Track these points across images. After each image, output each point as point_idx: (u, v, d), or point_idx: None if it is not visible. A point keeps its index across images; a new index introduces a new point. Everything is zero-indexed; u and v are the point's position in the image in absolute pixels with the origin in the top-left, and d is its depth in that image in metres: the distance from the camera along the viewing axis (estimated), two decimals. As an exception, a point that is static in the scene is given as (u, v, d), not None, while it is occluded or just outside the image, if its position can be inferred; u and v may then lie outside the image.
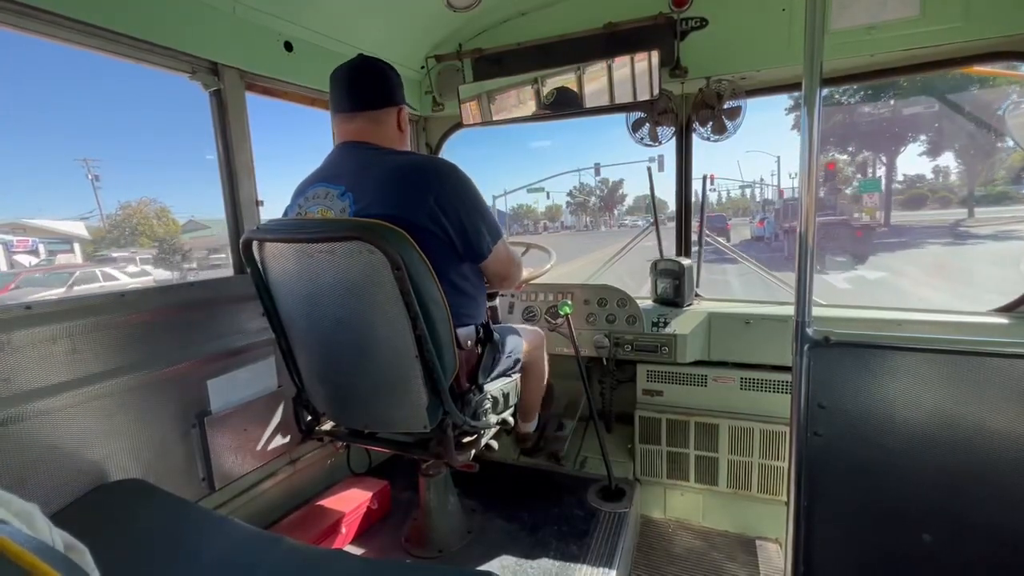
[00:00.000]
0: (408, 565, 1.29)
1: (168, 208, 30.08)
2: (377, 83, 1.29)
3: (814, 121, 1.02)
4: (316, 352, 1.32)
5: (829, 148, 28.24)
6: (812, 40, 1.00)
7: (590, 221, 64.33)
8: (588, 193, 66.02)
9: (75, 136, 73.77)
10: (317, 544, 1.48)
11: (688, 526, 2.02)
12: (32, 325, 1.09)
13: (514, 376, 1.51)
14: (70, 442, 1.15)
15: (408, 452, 1.39)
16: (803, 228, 1.06)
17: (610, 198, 66.64)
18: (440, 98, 2.29)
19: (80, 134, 74.99)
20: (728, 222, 29.59)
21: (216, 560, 0.98)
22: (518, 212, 70.12)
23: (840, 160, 29.83)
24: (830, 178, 27.52)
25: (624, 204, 71.02)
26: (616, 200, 67.78)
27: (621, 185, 67.43)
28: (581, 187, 65.49)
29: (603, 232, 47.56)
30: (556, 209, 70.54)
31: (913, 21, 1.60)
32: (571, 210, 67.95)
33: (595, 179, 61.88)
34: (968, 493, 1.01)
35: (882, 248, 16.74)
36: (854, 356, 1.07)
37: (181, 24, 1.37)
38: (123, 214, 28.57)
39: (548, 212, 71.37)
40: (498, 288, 1.46)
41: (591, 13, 1.96)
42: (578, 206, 66.80)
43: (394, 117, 1.32)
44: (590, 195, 66.37)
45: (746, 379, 1.90)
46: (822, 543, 1.12)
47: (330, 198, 1.22)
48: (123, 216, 28.59)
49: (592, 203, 66.84)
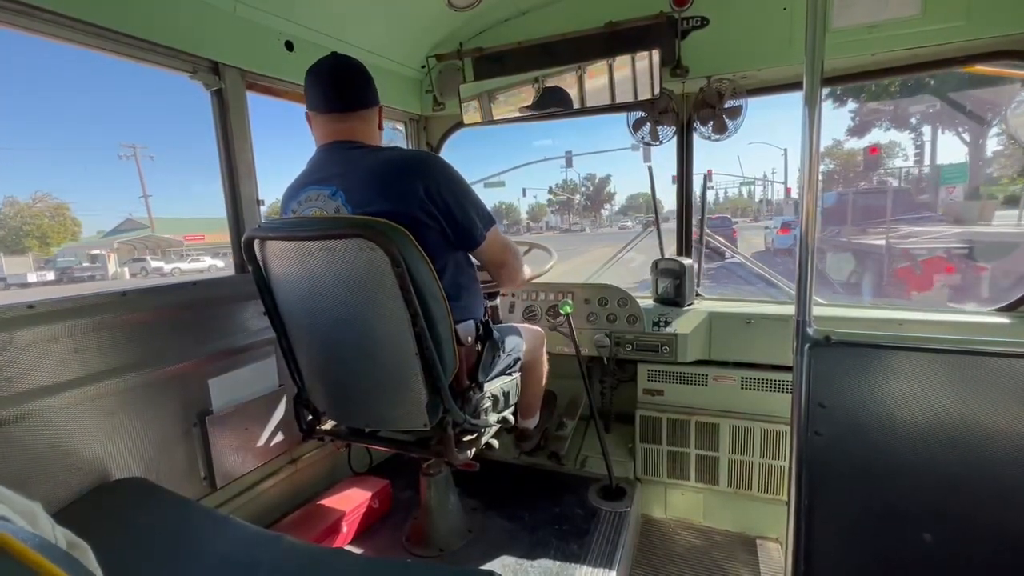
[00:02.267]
0: (409, 564, 1.29)
1: (67, 205, 27.19)
2: (365, 82, 1.29)
3: (815, 121, 1.02)
4: (317, 350, 1.32)
5: (877, 122, 19.62)
6: (813, 39, 1.00)
7: (573, 223, 56.42)
8: (572, 190, 58.82)
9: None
10: (318, 543, 1.48)
11: (689, 525, 2.02)
12: (34, 324, 1.10)
13: (514, 374, 1.51)
14: (72, 441, 1.16)
15: (409, 451, 1.39)
16: (803, 228, 1.06)
17: (596, 195, 59.58)
18: (441, 97, 2.28)
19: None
20: (734, 227, 20.76)
21: (217, 559, 0.98)
22: (496, 211, 65.14)
23: (893, 142, 21.84)
24: (871, 167, 18.97)
25: (613, 202, 63.49)
26: (604, 198, 60.60)
27: (608, 181, 59.97)
28: (564, 183, 58.29)
29: (587, 235, 38.38)
30: (539, 208, 63.83)
31: (914, 20, 1.60)
32: (553, 209, 61.26)
33: (576, 174, 56.16)
34: (969, 493, 1.01)
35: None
36: (855, 356, 1.07)
37: (182, 24, 1.37)
38: (9, 212, 24.79)
39: (531, 212, 64.63)
40: (498, 279, 1.44)
41: (592, 12, 1.96)
42: (560, 205, 60.06)
43: (376, 116, 1.34)
44: (574, 192, 59.18)
45: (747, 379, 1.90)
46: (823, 542, 1.12)
47: (322, 199, 1.22)
48: (12, 214, 24.91)
49: (577, 201, 59.96)
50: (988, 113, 14.94)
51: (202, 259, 27.71)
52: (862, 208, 11.95)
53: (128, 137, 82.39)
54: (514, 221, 62.59)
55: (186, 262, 27.23)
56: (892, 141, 22.33)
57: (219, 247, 29.16)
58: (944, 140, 20.31)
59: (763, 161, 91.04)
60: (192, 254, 30.04)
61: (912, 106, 18.91)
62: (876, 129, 21.52)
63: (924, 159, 19.17)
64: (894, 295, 7.62)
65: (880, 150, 16.33)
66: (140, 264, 26.50)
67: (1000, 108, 14.06)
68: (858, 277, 9.21)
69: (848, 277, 9.37)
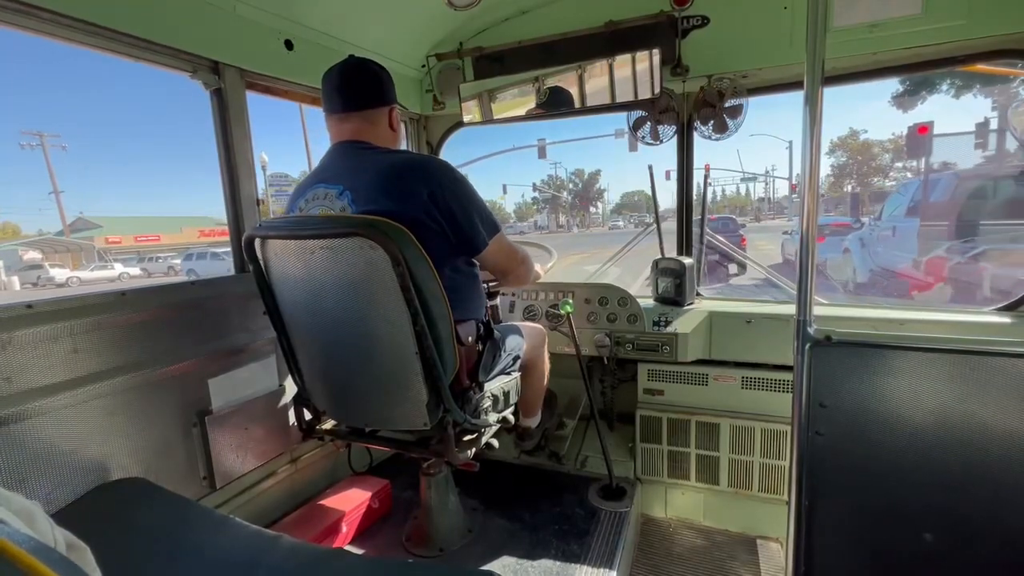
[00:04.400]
0: (409, 564, 1.29)
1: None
2: (370, 83, 1.31)
3: (816, 120, 1.02)
4: (317, 349, 1.32)
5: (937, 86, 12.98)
6: (814, 38, 1.00)
7: (558, 222, 53.08)
8: (559, 187, 55.02)
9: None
10: (318, 543, 1.48)
11: (689, 525, 2.02)
12: (33, 324, 1.09)
13: (514, 374, 1.51)
14: (71, 441, 1.16)
15: (409, 451, 1.39)
16: (804, 228, 1.06)
17: (585, 193, 55.74)
18: (441, 97, 2.28)
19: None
20: (742, 232, 15.10)
21: (217, 559, 0.98)
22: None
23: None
24: (920, 148, 10.61)
25: (604, 200, 58.85)
26: (594, 195, 56.62)
27: (598, 178, 56.02)
28: (551, 180, 54.75)
29: (572, 237, 33.69)
30: (526, 207, 61.14)
31: (915, 19, 1.60)
32: (539, 208, 58.55)
33: (564, 170, 52.66)
34: (969, 492, 1.01)
35: None
36: (855, 355, 1.07)
37: (182, 23, 1.37)
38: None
39: (518, 211, 61.59)
40: (503, 283, 1.46)
41: (592, 12, 1.96)
42: (546, 203, 56.77)
43: (386, 116, 1.34)
44: (561, 189, 55.36)
45: (747, 378, 1.90)
46: (823, 542, 1.12)
47: (329, 198, 1.23)
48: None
49: (564, 199, 56.06)
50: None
51: (112, 266, 23.69)
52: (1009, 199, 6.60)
53: (36, 124, 76.42)
54: (500, 220, 59.52)
55: (89, 271, 23.01)
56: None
57: (182, 247, 26.53)
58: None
59: (764, 156, 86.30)
60: (108, 259, 25.70)
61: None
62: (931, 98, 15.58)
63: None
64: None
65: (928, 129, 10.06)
66: (37, 272, 22.16)
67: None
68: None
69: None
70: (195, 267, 20.96)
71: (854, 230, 10.26)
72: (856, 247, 8.40)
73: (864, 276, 8.07)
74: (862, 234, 8.90)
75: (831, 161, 34.45)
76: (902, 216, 7.46)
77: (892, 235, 7.57)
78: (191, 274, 19.60)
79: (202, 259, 21.50)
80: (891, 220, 7.83)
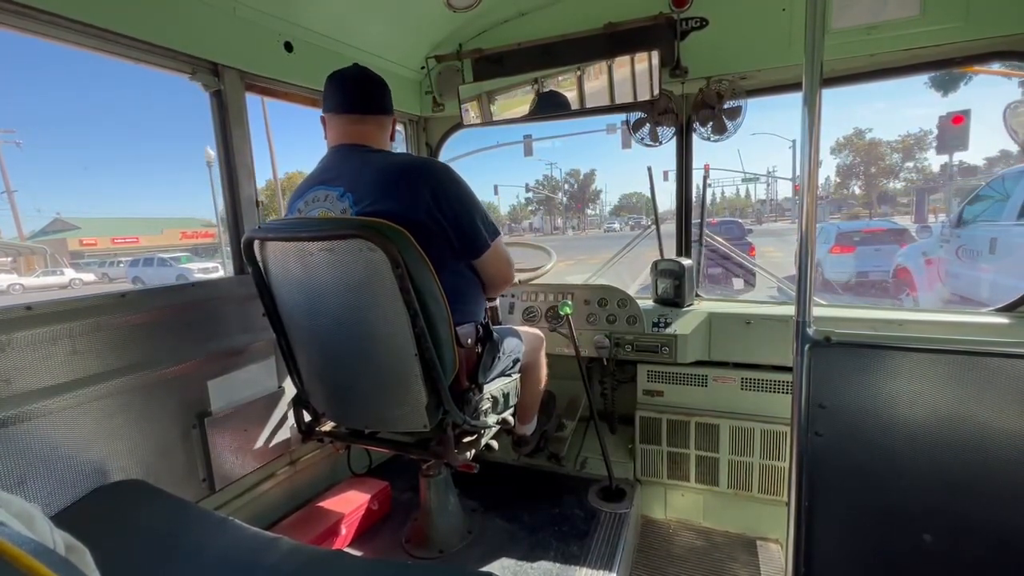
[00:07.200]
0: (408, 566, 1.28)
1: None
2: (383, 91, 1.35)
3: (815, 121, 1.02)
4: (316, 351, 1.32)
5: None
6: (812, 40, 1.00)
7: (554, 225, 50.72)
8: (553, 188, 52.77)
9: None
10: (317, 545, 1.48)
11: (689, 526, 2.02)
12: (33, 326, 1.09)
13: (513, 376, 1.51)
14: (71, 443, 1.15)
15: (408, 452, 1.39)
16: (803, 228, 1.06)
17: (581, 194, 53.09)
18: (440, 98, 2.28)
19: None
20: (751, 241, 11.03)
21: (216, 561, 0.98)
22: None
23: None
24: (955, 140, 9.54)
25: (601, 202, 57.05)
26: (589, 196, 54.17)
27: (593, 178, 53.82)
28: (545, 180, 52.59)
29: (565, 240, 31.83)
30: (521, 209, 57.99)
31: (913, 21, 1.60)
32: (533, 209, 56.06)
33: (559, 170, 50.51)
34: (969, 493, 1.01)
35: None
36: (855, 356, 1.07)
37: (181, 25, 1.37)
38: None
39: (513, 213, 58.11)
40: (491, 287, 1.45)
41: (591, 13, 1.96)
42: (540, 204, 54.45)
43: (391, 125, 1.40)
44: (555, 190, 52.90)
45: (747, 379, 1.90)
46: (823, 543, 1.12)
47: (330, 200, 1.23)
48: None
49: (559, 200, 53.51)
50: None
51: (62, 271, 20.87)
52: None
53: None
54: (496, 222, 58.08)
55: (35, 277, 20.05)
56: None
57: (162, 249, 24.81)
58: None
59: (765, 156, 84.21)
60: (60, 265, 22.50)
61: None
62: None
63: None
64: None
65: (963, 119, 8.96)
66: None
67: None
68: None
69: None
70: (141, 274, 19.16)
71: (906, 238, 7.65)
72: (917, 264, 5.97)
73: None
74: (926, 246, 6.27)
75: (836, 161, 34.12)
76: (1012, 219, 4.82)
77: (989, 250, 4.97)
78: (136, 282, 17.88)
79: (148, 266, 19.70)
80: (982, 228, 5.14)
